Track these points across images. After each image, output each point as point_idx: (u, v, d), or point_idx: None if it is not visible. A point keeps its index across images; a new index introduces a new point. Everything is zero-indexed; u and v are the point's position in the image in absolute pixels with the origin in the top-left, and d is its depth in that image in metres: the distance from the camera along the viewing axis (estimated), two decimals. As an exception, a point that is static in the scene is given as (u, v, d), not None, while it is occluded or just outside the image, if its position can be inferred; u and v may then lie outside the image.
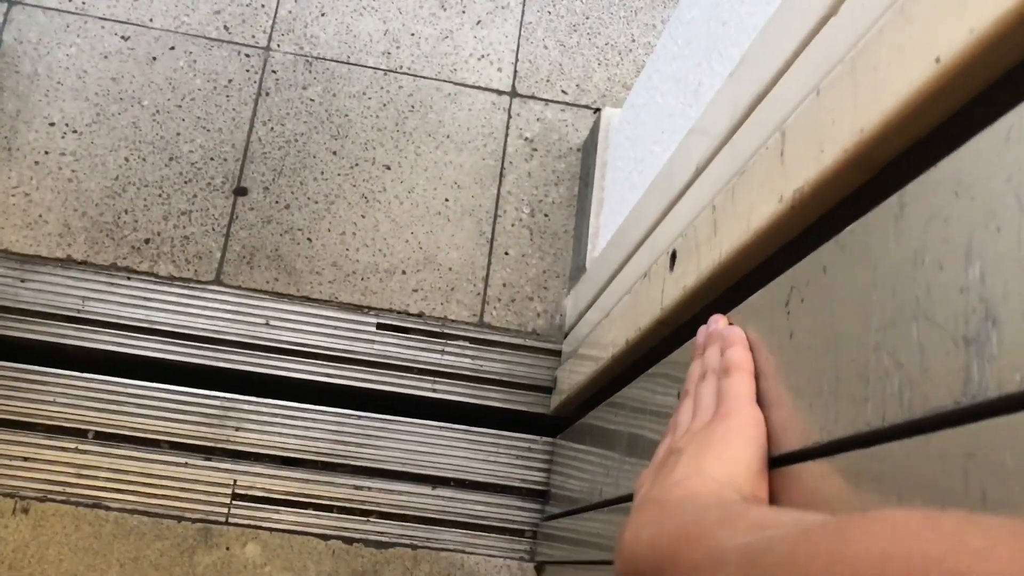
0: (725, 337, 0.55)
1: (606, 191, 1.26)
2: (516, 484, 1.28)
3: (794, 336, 0.49)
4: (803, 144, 0.50)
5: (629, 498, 0.81)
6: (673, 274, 0.72)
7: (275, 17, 1.40)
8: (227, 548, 1.19)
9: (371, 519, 1.23)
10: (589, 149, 1.36)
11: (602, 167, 1.28)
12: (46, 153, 1.29)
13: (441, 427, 1.28)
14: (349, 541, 1.22)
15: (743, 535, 0.35)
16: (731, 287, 0.65)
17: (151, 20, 1.36)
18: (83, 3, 1.36)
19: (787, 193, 0.51)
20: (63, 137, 1.30)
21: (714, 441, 0.49)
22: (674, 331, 0.79)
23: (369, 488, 1.24)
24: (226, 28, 1.38)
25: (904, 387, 0.37)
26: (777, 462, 0.49)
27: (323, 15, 1.41)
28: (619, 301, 0.96)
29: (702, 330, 0.59)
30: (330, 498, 1.23)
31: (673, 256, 0.73)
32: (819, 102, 0.49)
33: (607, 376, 1.08)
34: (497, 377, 1.31)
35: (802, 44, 0.56)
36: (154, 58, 1.35)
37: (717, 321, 0.58)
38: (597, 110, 1.41)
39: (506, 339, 1.32)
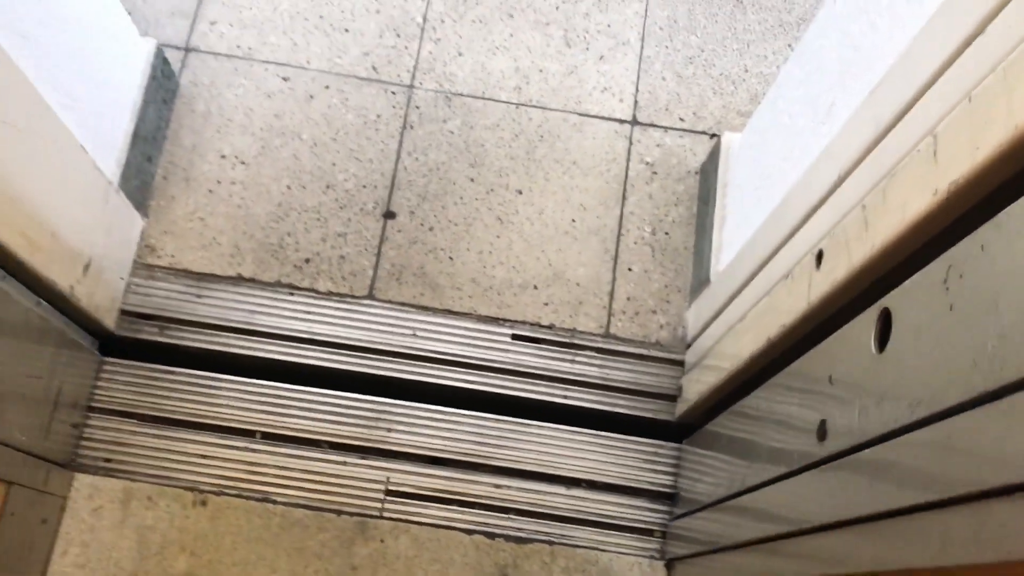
0: None
1: (728, 208, 1.34)
2: (644, 487, 1.36)
3: (954, 308, 0.57)
4: (956, 144, 0.59)
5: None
6: (820, 271, 0.81)
7: (417, 58, 1.54)
8: (382, 540, 1.30)
9: (511, 516, 1.33)
10: (708, 171, 1.45)
11: (723, 187, 1.37)
12: (218, 183, 1.45)
13: (572, 431, 1.37)
14: (491, 536, 1.31)
15: None
16: (879, 277, 0.73)
17: (308, 62, 1.52)
18: (249, 49, 1.51)
19: (942, 186, 0.60)
20: (233, 168, 1.45)
21: None
22: (817, 326, 0.87)
23: (508, 487, 1.34)
24: (374, 68, 1.52)
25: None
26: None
27: (460, 55, 1.54)
28: (754, 306, 1.04)
29: None
30: (473, 495, 1.33)
31: (819, 255, 0.82)
32: (972, 107, 0.58)
33: (733, 383, 1.16)
34: (623, 385, 1.40)
35: (947, 63, 0.65)
36: (311, 96, 1.50)
37: None
38: (714, 135, 1.51)
39: (631, 350, 1.41)
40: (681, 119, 1.54)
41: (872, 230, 0.70)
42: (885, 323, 0.68)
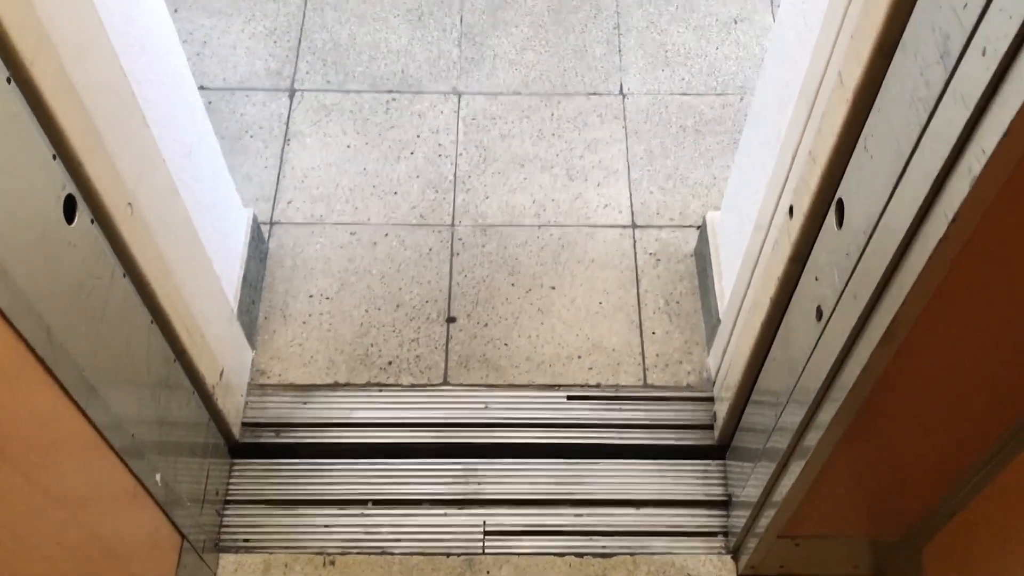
0: None
1: (723, 265, 1.68)
2: (702, 498, 1.59)
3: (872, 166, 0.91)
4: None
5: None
6: (792, 219, 1.14)
7: (454, 204, 1.93)
8: (487, 572, 1.51)
9: (593, 537, 1.54)
10: (702, 243, 1.80)
11: (716, 249, 1.72)
12: (310, 315, 1.78)
13: (632, 464, 1.62)
14: (580, 555, 1.52)
15: None
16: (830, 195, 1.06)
17: (369, 219, 1.90)
18: (321, 216, 1.91)
19: (844, 101, 0.95)
20: (320, 303, 1.79)
21: None
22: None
23: (587, 515, 1.56)
24: (422, 216, 1.91)
25: None
26: None
27: (487, 198, 1.94)
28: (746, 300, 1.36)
29: None
30: (559, 525, 1.55)
31: (791, 209, 1.15)
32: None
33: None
34: (666, 422, 1.66)
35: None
36: (375, 243, 1.87)
37: None
38: (700, 227, 1.88)
39: (667, 394, 1.69)
40: (671, 219, 1.92)
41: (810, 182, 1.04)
42: (839, 208, 1.00)
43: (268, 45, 2.17)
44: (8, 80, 0.84)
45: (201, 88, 2.06)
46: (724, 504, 1.58)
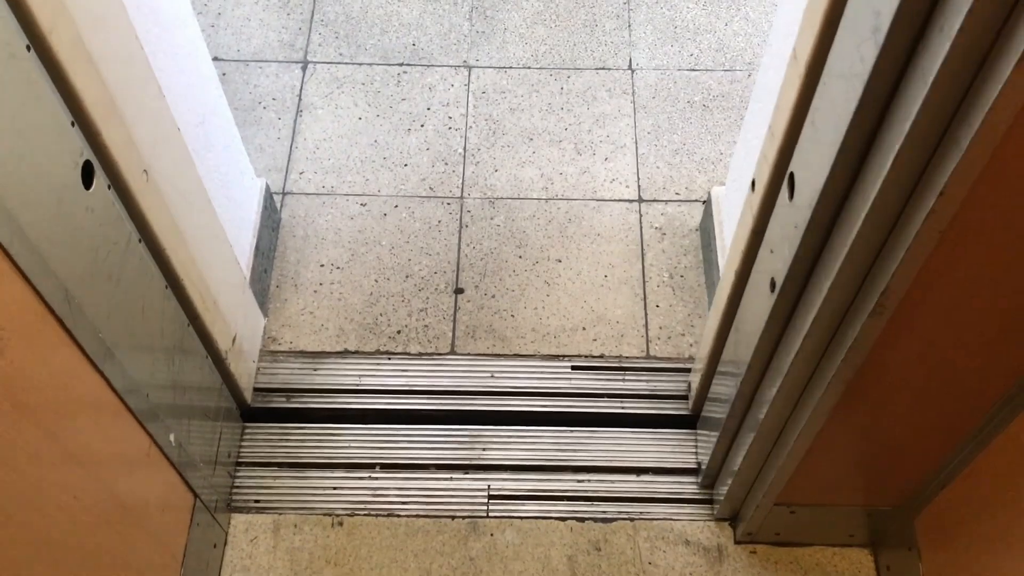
0: None
1: (725, 238, 1.71)
2: (693, 466, 1.62)
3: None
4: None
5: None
6: (754, 192, 1.16)
7: (463, 177, 1.96)
8: (491, 535, 1.55)
9: (594, 503, 1.58)
10: (706, 222, 1.82)
11: (720, 224, 1.74)
12: (320, 284, 1.81)
13: (634, 432, 1.65)
14: (581, 519, 1.56)
15: None
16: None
17: (379, 191, 1.93)
18: (332, 187, 1.94)
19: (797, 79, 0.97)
20: (331, 272, 1.83)
21: None
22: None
23: (588, 480, 1.60)
24: (431, 188, 1.94)
25: None
26: None
27: (496, 171, 1.97)
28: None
29: None
30: (561, 490, 1.59)
31: (752, 183, 1.17)
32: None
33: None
34: (668, 393, 1.69)
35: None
36: (385, 214, 1.90)
37: None
38: (705, 201, 1.90)
39: (669, 365, 1.72)
40: (677, 193, 1.94)
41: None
42: (791, 181, 1.02)
43: (281, 17, 2.20)
44: (28, 48, 0.87)
45: (215, 59, 2.09)
46: (695, 472, 1.61)
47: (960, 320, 0.97)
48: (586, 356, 1.74)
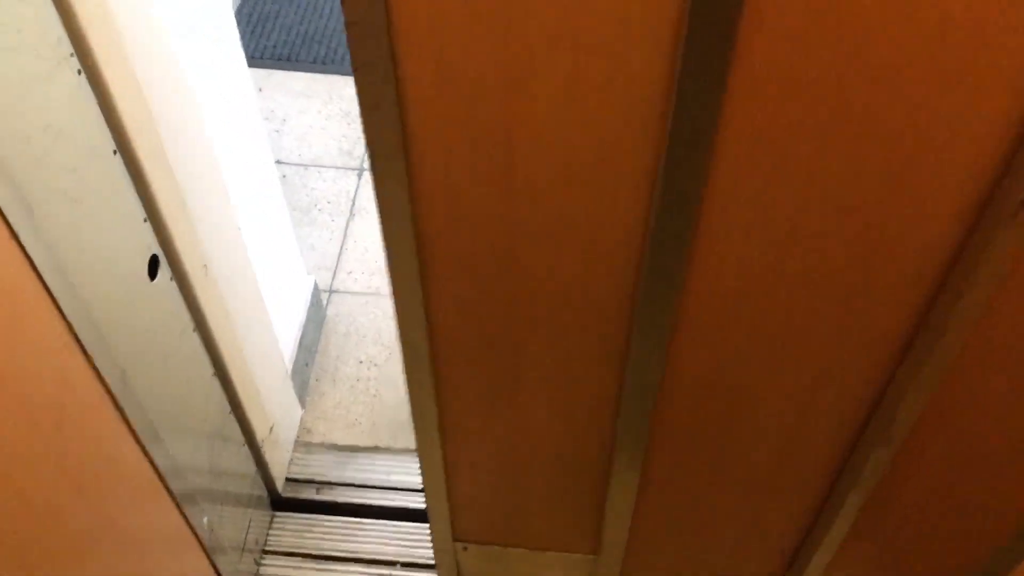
0: None
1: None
2: None
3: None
4: None
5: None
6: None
7: (502, 284, 2.03)
8: (506, 642, 1.55)
9: None
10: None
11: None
12: (358, 380, 1.88)
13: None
14: None
15: None
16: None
17: (421, 293, 2.01)
18: (378, 288, 2.02)
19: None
20: (368, 369, 1.89)
21: None
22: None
23: None
24: (471, 293, 2.01)
25: None
26: None
27: (534, 280, 2.04)
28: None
29: None
30: None
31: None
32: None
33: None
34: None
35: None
36: (425, 316, 1.97)
37: None
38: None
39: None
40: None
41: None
42: None
43: (342, 126, 2.33)
44: (114, 152, 0.97)
45: (278, 162, 2.22)
46: None
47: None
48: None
